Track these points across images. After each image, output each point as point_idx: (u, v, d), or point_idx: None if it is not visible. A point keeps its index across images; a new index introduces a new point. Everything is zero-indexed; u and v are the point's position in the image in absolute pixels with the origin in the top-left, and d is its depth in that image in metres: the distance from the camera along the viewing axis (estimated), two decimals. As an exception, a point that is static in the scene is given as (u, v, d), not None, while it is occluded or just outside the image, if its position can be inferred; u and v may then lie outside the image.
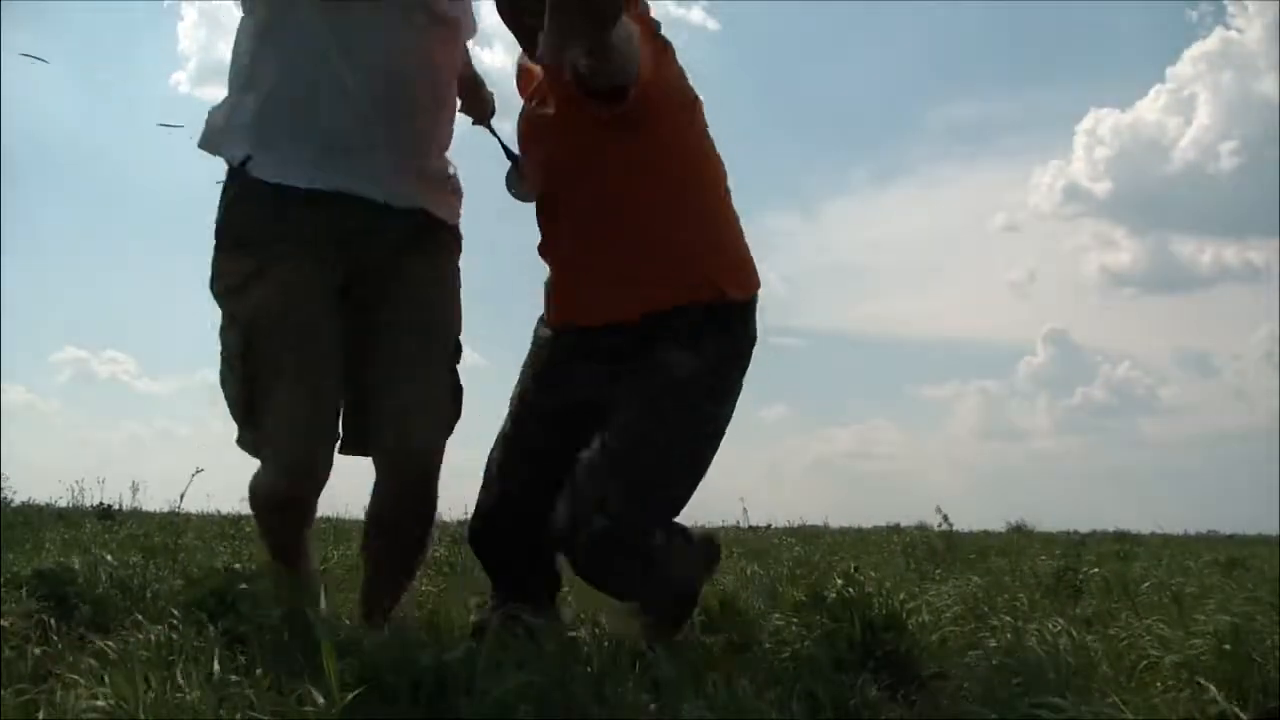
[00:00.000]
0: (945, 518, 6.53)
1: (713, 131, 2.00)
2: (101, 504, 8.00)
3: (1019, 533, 12.80)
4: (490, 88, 2.17)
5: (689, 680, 1.64)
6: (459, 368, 1.99)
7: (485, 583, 2.64)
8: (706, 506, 4.09)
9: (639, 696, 1.43)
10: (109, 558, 2.61)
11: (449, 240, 2.01)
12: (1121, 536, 11.39)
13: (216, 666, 1.38)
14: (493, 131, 2.10)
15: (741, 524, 8.39)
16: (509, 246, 1.66)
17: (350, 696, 1.27)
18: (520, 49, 2.01)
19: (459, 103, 2.05)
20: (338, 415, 1.89)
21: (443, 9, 1.91)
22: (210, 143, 1.89)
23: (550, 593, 2.10)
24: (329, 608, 1.85)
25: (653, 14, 1.85)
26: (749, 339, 1.98)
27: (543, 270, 2.08)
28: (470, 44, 2.06)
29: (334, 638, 1.61)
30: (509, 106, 2.14)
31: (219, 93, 1.90)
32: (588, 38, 1.48)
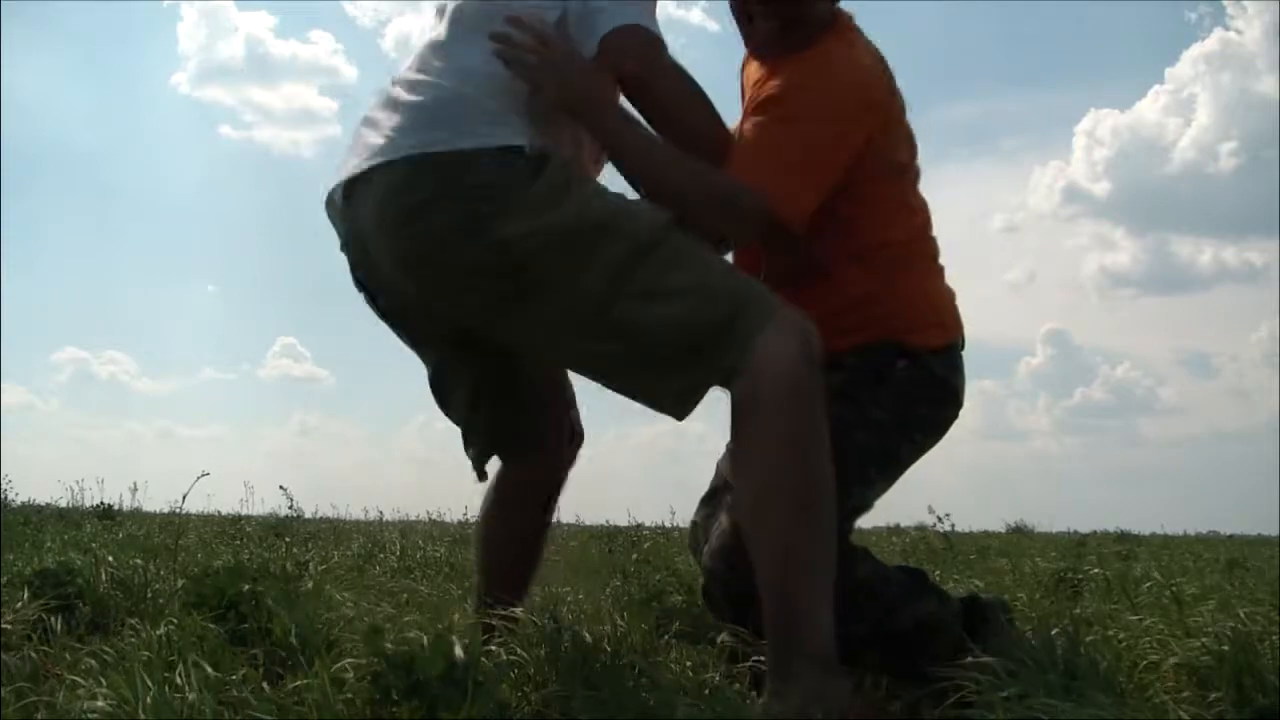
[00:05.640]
0: (940, 518, 6.56)
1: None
2: (101, 504, 8.01)
3: (1019, 533, 12.82)
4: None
5: (688, 680, 1.64)
6: None
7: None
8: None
9: (638, 696, 1.43)
10: (109, 558, 2.61)
11: None
12: (1122, 537, 11.41)
13: (216, 666, 1.39)
14: None
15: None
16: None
17: (349, 696, 1.27)
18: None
19: None
20: None
21: None
22: None
23: None
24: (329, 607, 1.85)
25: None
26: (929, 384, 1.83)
27: None
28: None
29: (333, 637, 1.61)
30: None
31: (219, 93, 1.87)
32: None
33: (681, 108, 1.65)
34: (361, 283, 1.73)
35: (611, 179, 1.73)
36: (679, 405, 1.53)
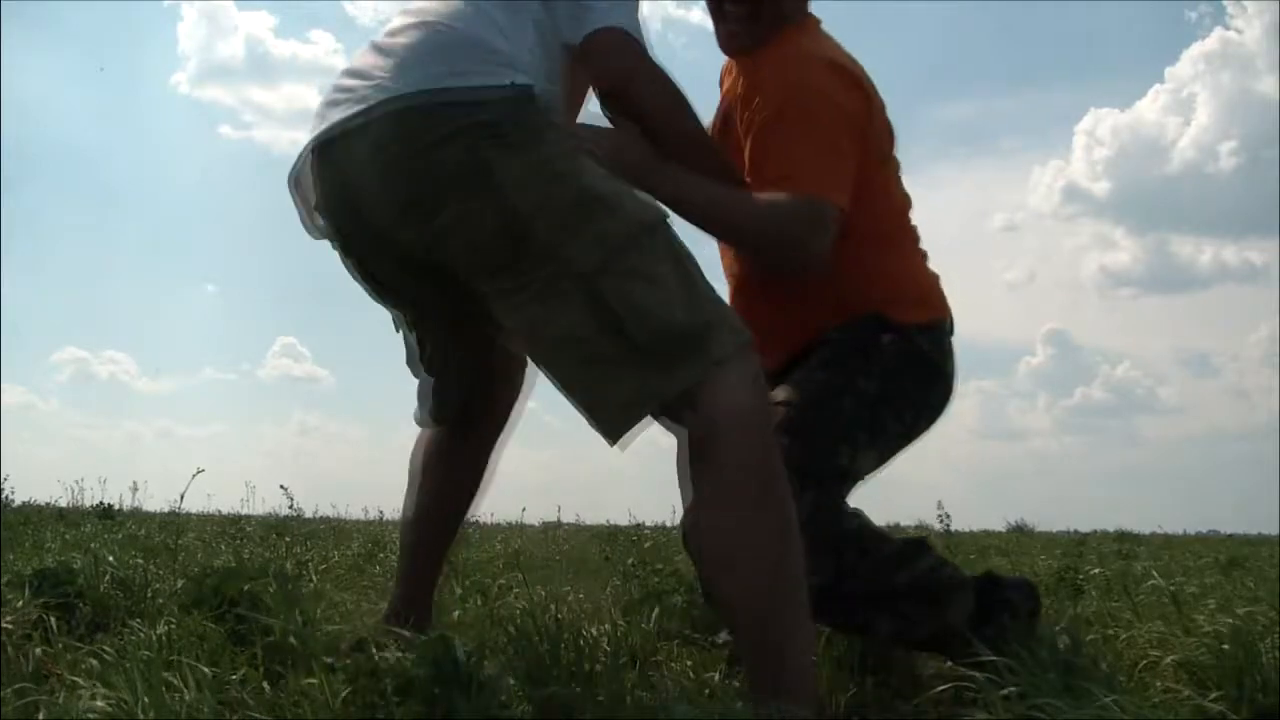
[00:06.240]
0: (942, 516, 6.57)
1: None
2: (101, 504, 8.02)
3: (1019, 532, 12.84)
4: None
5: (687, 680, 1.64)
6: None
7: (482, 583, 2.65)
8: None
9: (636, 695, 1.43)
10: (109, 557, 2.61)
11: None
12: (1122, 536, 11.41)
13: (215, 666, 1.39)
14: None
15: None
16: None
17: (348, 696, 1.27)
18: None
19: None
20: None
21: None
22: None
23: None
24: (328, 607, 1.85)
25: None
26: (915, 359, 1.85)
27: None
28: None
29: (333, 637, 1.61)
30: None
31: (219, 93, 1.84)
32: None
33: (663, 110, 1.64)
34: (345, 248, 1.66)
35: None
36: (621, 414, 1.45)
